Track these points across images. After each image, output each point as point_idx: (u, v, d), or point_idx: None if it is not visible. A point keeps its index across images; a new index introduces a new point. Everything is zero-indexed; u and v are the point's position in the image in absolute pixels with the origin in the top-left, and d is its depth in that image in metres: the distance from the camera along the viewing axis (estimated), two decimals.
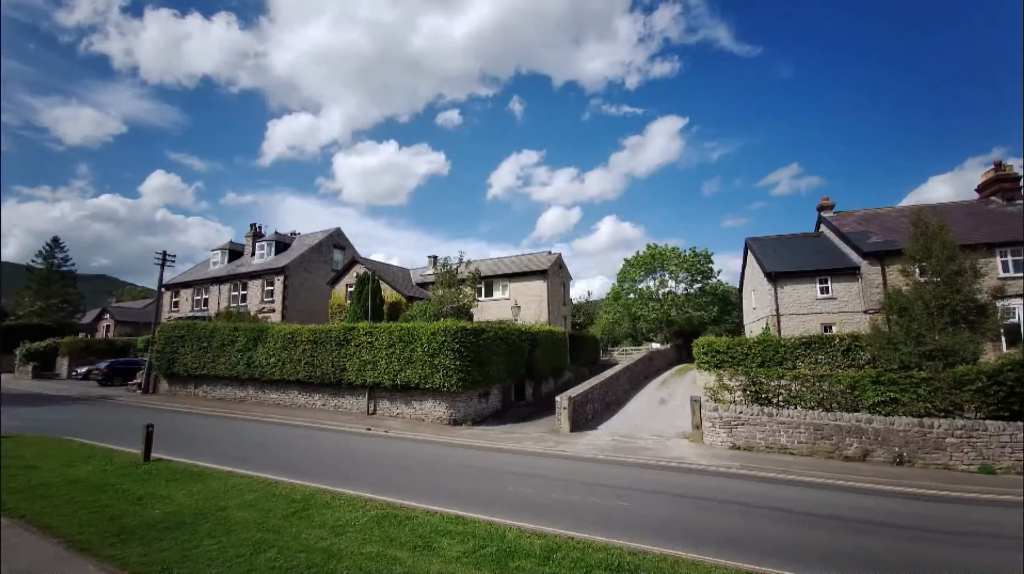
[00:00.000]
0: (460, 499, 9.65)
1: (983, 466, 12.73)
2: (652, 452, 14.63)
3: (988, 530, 8.72)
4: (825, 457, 14.07)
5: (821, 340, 20.13)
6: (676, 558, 6.96)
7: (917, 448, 13.36)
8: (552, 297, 34.60)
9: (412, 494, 9.86)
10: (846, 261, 26.48)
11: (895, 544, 7.94)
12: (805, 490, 11.17)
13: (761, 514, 9.36)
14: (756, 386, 17.01)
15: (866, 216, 29.72)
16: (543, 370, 25.72)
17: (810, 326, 25.65)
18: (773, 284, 26.99)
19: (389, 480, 11.22)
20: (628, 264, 46.59)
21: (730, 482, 11.80)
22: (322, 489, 9.95)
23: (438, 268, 29.10)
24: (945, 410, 14.24)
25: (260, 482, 10.42)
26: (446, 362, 18.44)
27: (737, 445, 15.15)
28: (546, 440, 16.19)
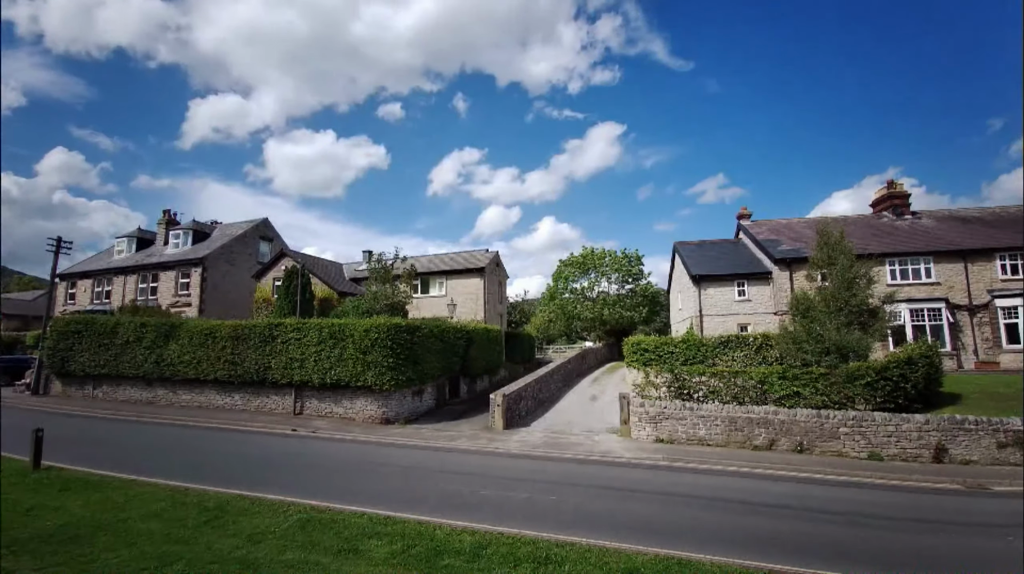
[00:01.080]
0: (390, 499, 9.45)
1: (872, 453, 14.22)
2: (583, 447, 15.07)
3: (879, 512, 9.77)
4: (738, 447, 15.14)
5: (737, 339, 21.64)
6: (602, 548, 7.22)
7: (816, 437, 14.70)
8: (489, 295, 34.71)
9: (339, 496, 9.52)
10: (760, 266, 28.64)
11: (795, 525, 8.70)
12: (719, 478, 11.97)
13: (680, 502, 9.93)
14: (679, 382, 18.00)
15: (778, 226, 32.28)
16: (478, 368, 25.74)
17: (729, 326, 27.50)
18: (697, 286, 28.66)
19: (315, 482, 10.78)
20: (563, 264, 47.66)
21: (654, 474, 12.40)
22: (239, 495, 9.37)
23: (373, 263, 28.26)
24: (840, 402, 15.79)
25: (168, 490, 9.65)
26: (379, 360, 17.98)
27: (661, 438, 15.95)
28: (479, 437, 16.22)
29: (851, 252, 18.25)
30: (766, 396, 16.72)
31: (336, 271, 36.67)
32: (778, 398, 16.47)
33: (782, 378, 16.59)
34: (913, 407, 15.59)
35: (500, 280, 39.35)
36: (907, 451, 14.02)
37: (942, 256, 25.80)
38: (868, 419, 14.55)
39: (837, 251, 18.10)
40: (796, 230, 30.67)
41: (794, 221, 32.87)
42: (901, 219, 30.47)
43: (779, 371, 16.85)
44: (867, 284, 17.66)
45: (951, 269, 25.58)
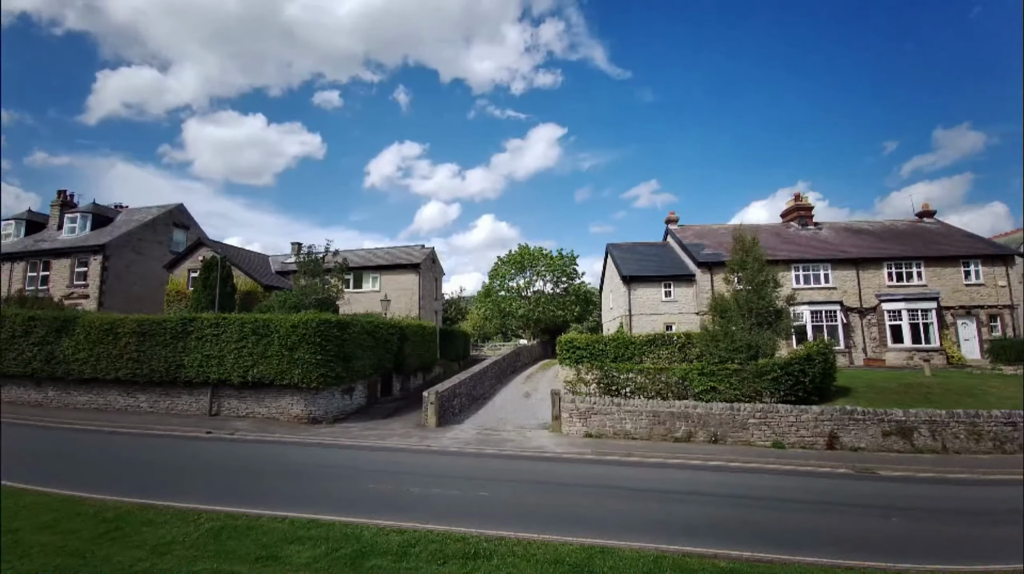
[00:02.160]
0: (315, 502, 9.11)
1: (775, 442, 15.54)
2: (515, 443, 15.29)
3: (781, 495, 10.70)
4: (660, 440, 16.00)
5: (663, 338, 22.83)
6: (529, 541, 7.39)
7: (728, 428, 15.84)
8: (424, 291, 34.24)
9: (258, 501, 9.04)
10: (685, 269, 30.36)
11: (707, 510, 9.35)
12: (643, 469, 12.61)
13: (606, 493, 10.36)
14: (609, 379, 18.71)
15: (702, 231, 34.37)
16: (412, 365, 25.35)
17: (656, 325, 28.93)
18: (627, 287, 29.90)
19: (230, 488, 10.16)
20: (500, 262, 47.95)
21: (582, 467, 12.83)
22: (143, 504, 8.64)
23: (302, 256, 26.96)
24: (750, 396, 17.11)
25: (62, 500, 8.72)
26: (306, 356, 17.22)
27: (590, 433, 16.51)
28: (412, 435, 16.00)
29: (761, 258, 19.80)
30: (687, 391, 17.79)
31: (261, 263, 34.63)
32: (697, 393, 17.57)
33: (701, 374, 17.71)
34: (811, 399, 17.20)
35: (436, 277, 38.94)
36: (805, 439, 15.45)
37: (838, 263, 28.61)
38: (773, 411, 15.88)
39: (749, 256, 19.58)
40: (718, 235, 32.79)
41: (716, 227, 35.13)
42: (805, 229, 33.43)
43: (699, 368, 17.98)
44: (774, 287, 19.25)
45: (846, 275, 28.44)
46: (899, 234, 31.97)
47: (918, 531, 8.55)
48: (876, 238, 31.44)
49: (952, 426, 15.24)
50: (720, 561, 6.86)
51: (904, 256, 28.52)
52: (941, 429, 15.23)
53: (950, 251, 28.72)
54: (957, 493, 11.17)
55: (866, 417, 15.49)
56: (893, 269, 28.38)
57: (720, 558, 6.97)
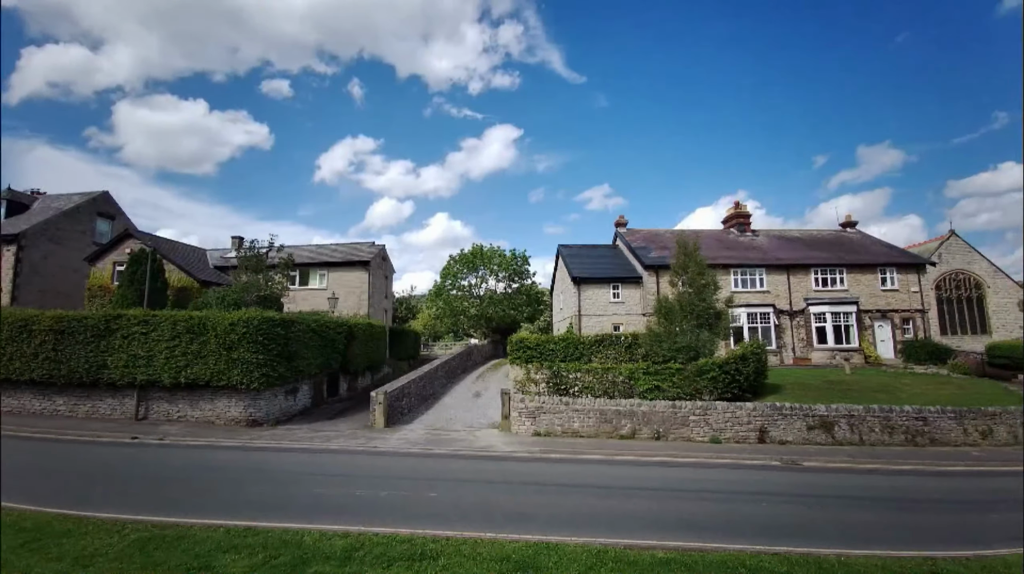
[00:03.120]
0: (252, 508, 8.76)
1: (713, 437, 16.35)
2: (464, 442, 15.29)
3: (717, 487, 11.29)
4: (607, 437, 16.46)
5: (611, 338, 23.48)
6: (476, 539, 7.44)
7: (670, 425, 16.53)
8: (374, 289, 33.52)
9: (190, 509, 8.59)
10: (633, 271, 31.36)
11: (650, 504, 9.74)
12: (589, 466, 12.94)
13: (553, 490, 10.57)
14: (558, 379, 19.05)
15: (649, 235, 35.60)
16: (360, 364, 24.77)
17: (604, 326, 29.70)
18: (577, 288, 30.52)
19: (159, 496, 9.59)
20: (452, 261, 47.61)
21: (530, 465, 13.01)
22: (62, 514, 8.02)
23: (244, 251, 25.68)
24: (690, 394, 17.91)
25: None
26: (247, 356, 16.46)
27: (539, 432, 16.76)
28: (358, 436, 15.66)
29: (703, 262, 20.78)
30: (632, 390, 18.40)
31: (198, 258, 32.71)
32: (642, 392, 18.21)
33: (646, 374, 18.38)
34: (745, 397, 18.22)
35: (387, 275, 38.21)
36: (739, 434, 16.37)
37: (772, 269, 30.46)
38: (711, 408, 16.72)
39: (692, 261, 20.50)
40: (664, 239, 34.06)
41: (663, 231, 36.48)
42: (744, 235, 35.35)
43: (644, 367, 18.64)
44: (715, 290, 20.25)
45: (778, 280, 30.31)
46: (825, 242, 34.40)
47: (837, 518, 9.29)
48: (805, 246, 33.69)
49: (868, 420, 16.60)
50: (658, 552, 7.18)
51: (829, 263, 30.72)
52: (859, 423, 16.55)
53: (869, 259, 31.21)
54: (873, 482, 12.19)
55: (793, 412, 16.60)
56: (819, 275, 30.50)
57: (658, 549, 7.29)
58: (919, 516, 9.50)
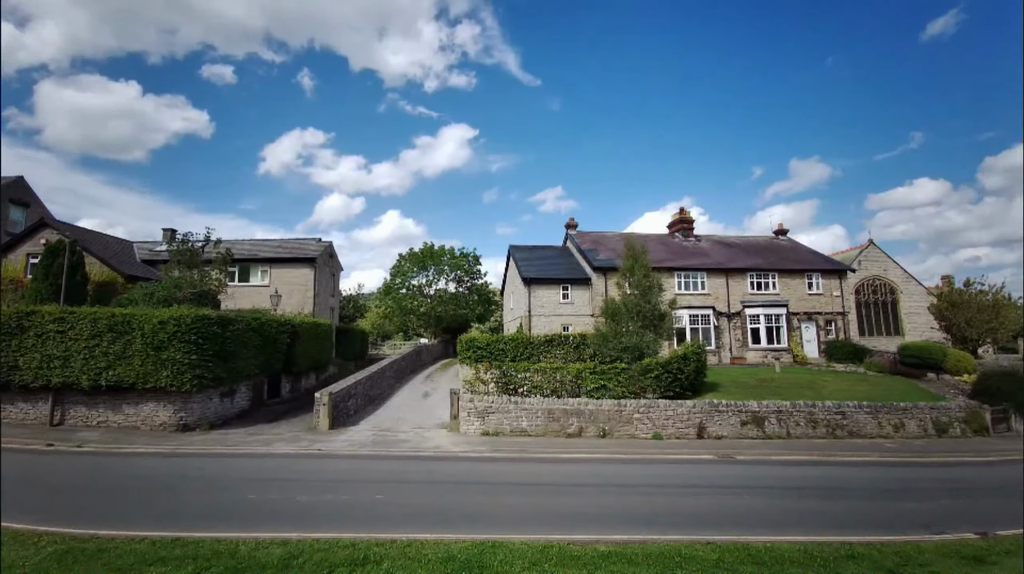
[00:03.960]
0: (180, 517, 8.27)
1: (655, 434, 16.97)
2: (412, 444, 15.08)
3: (657, 481, 11.73)
4: (554, 436, 16.73)
5: (560, 338, 23.86)
6: (422, 541, 7.37)
7: (616, 423, 17.02)
8: (320, 287, 32.40)
9: (112, 520, 8.00)
10: (582, 272, 32.01)
11: (593, 500, 10.00)
12: (537, 465, 13.11)
13: (500, 489, 10.63)
14: (507, 378, 19.15)
15: (598, 237, 36.46)
16: (304, 365, 23.88)
17: (554, 326, 30.13)
18: (528, 288, 30.80)
19: (77, 507, 8.86)
20: (402, 259, 46.75)
21: (479, 465, 13.02)
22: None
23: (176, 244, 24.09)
24: (635, 393, 18.50)
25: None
26: (178, 356, 15.48)
27: (488, 431, 16.79)
28: (301, 440, 15.10)
29: (648, 265, 21.53)
30: (580, 389, 18.78)
31: (124, 251, 30.41)
32: (589, 391, 18.62)
33: (593, 373, 18.81)
34: (686, 395, 19.02)
35: (334, 272, 37.04)
36: (680, 430, 17.08)
37: (712, 272, 31.98)
38: (654, 406, 17.35)
39: (638, 263, 21.19)
40: (613, 242, 34.97)
41: (611, 234, 37.44)
42: (687, 240, 36.91)
43: (591, 367, 19.07)
44: (659, 292, 21.02)
45: (718, 283, 31.87)
46: (760, 248, 36.49)
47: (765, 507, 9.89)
48: (743, 251, 35.59)
49: (795, 415, 17.77)
50: (600, 546, 7.39)
51: (763, 268, 32.61)
52: (786, 418, 17.69)
53: (798, 265, 33.39)
54: (798, 473, 13.05)
55: (728, 409, 17.51)
56: (755, 279, 32.31)
57: (600, 542, 7.51)
58: (837, 503, 10.28)
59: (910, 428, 18.22)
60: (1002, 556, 7.17)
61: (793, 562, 6.94)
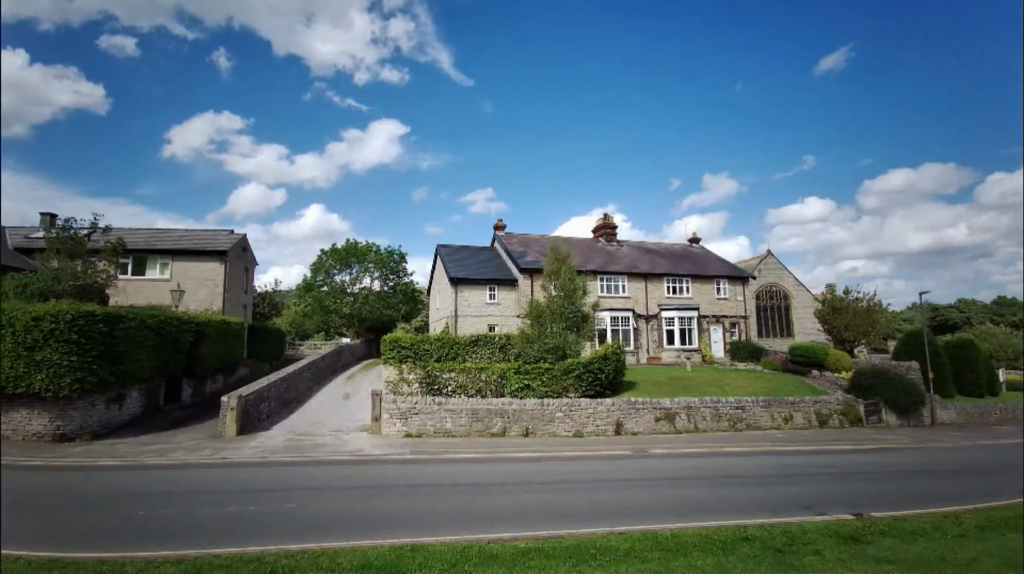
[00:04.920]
0: (55, 538, 7.33)
1: (576, 432, 17.54)
2: (329, 448, 14.46)
3: (577, 477, 12.10)
4: (478, 436, 16.77)
5: (485, 338, 23.95)
6: (337, 549, 7.08)
7: (539, 422, 17.38)
8: (231, 283, 30.11)
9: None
10: (509, 274, 32.37)
11: (515, 498, 10.14)
12: (460, 466, 13.06)
13: (421, 491, 10.48)
14: (431, 378, 18.92)
15: (526, 239, 37.06)
16: (210, 366, 22.06)
17: (480, 326, 30.18)
18: (455, 288, 30.64)
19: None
20: (324, 255, 44.58)
21: (401, 468, 12.75)
22: None
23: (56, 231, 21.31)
24: (558, 392, 19.00)
25: None
26: (55, 358, 13.71)
27: (411, 433, 16.48)
28: (203, 448, 13.95)
29: (572, 268, 22.22)
30: (504, 389, 18.97)
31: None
32: (513, 390, 18.86)
33: (517, 373, 19.07)
34: (606, 393, 19.84)
35: (247, 267, 34.59)
36: (600, 428, 17.79)
37: (633, 276, 33.65)
38: (576, 405, 17.93)
39: (563, 266, 21.81)
40: (540, 244, 35.69)
41: (539, 237, 38.19)
42: (610, 245, 38.53)
43: (515, 367, 19.32)
44: (583, 295, 21.75)
45: (637, 287, 33.58)
46: (676, 255, 38.91)
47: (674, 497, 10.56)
48: (660, 257, 37.76)
49: (702, 410, 19.13)
50: (520, 543, 7.51)
51: (678, 273, 34.81)
52: (695, 413, 19.00)
53: (708, 272, 36.00)
54: (703, 464, 14.06)
55: (644, 406, 18.50)
56: (671, 283, 34.40)
57: (520, 540, 7.63)
58: (734, 491, 11.21)
59: (797, 420, 20.26)
60: (876, 536, 8.14)
61: (695, 546, 7.46)
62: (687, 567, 6.70)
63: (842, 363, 26.98)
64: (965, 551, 7.41)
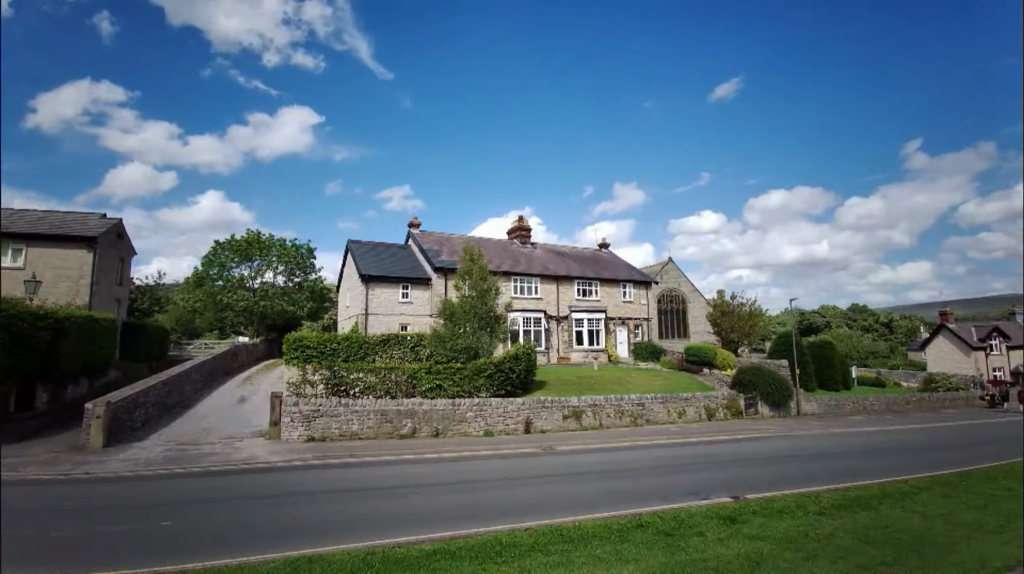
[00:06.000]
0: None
1: (487, 431, 17.65)
2: (219, 457, 13.29)
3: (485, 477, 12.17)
4: (387, 438, 16.30)
5: (397, 338, 23.35)
6: (220, 567, 6.51)
7: (450, 422, 17.27)
8: (102, 274, 26.54)
9: None
10: (423, 272, 31.83)
11: (421, 500, 9.99)
12: (367, 469, 12.62)
13: (321, 499, 9.96)
14: (337, 379, 18.10)
15: (441, 239, 36.68)
16: (72, 368, 19.23)
17: (392, 325, 29.35)
18: (366, 286, 29.52)
19: None
20: (220, 247, 40.70)
21: (301, 474, 12.03)
22: None
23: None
24: (470, 392, 19.02)
25: None
26: None
27: (314, 437, 15.62)
28: (62, 462, 12.18)
29: (486, 268, 22.38)
30: (415, 389, 18.62)
31: None
32: (424, 391, 18.58)
33: (428, 373, 18.82)
34: (517, 393, 20.20)
35: (123, 256, 30.71)
36: (510, 427, 18.07)
37: (545, 279, 34.60)
38: (487, 404, 18.06)
39: (476, 266, 21.90)
40: (455, 244, 35.47)
41: (454, 236, 37.95)
42: (524, 247, 39.31)
43: (427, 367, 19.05)
44: (496, 295, 21.98)
45: (550, 289, 34.58)
46: (587, 259, 40.62)
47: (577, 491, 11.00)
48: (572, 261, 39.20)
49: (606, 408, 20.14)
50: (426, 545, 7.41)
51: (588, 277, 36.36)
52: (600, 410, 19.95)
53: (616, 276, 37.99)
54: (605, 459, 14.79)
55: (553, 405, 19.09)
56: (581, 286, 35.84)
57: (425, 541, 7.53)
58: (631, 482, 11.94)
59: (690, 414, 22.03)
60: (750, 515, 9.04)
61: (595, 536, 7.84)
62: (587, 556, 7.01)
63: (728, 362, 29.77)
64: (824, 527, 8.47)
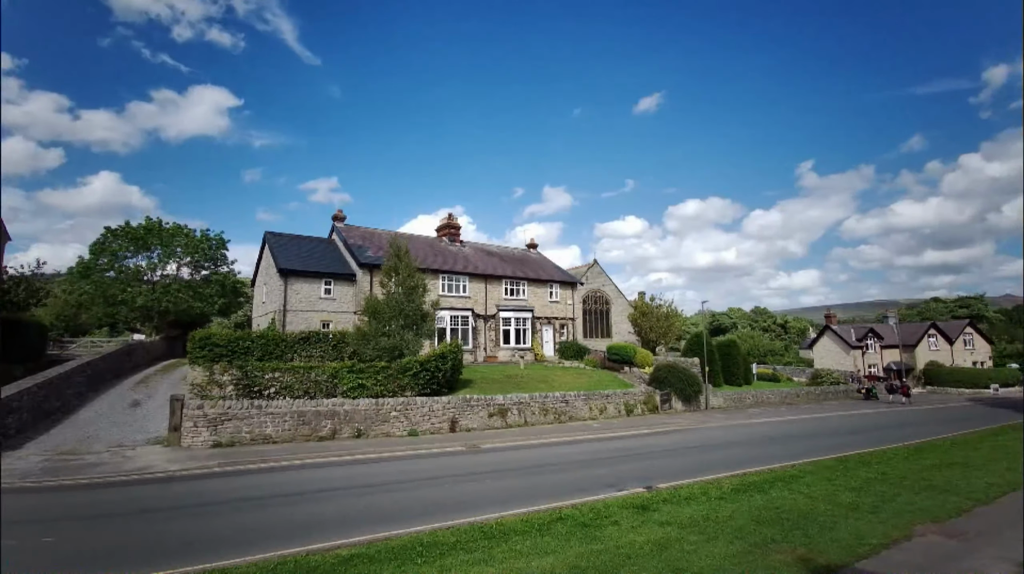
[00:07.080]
0: None
1: (411, 431, 17.35)
2: (107, 467, 12.01)
3: (410, 477, 11.94)
4: (304, 440, 15.53)
5: (318, 335, 22.32)
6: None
7: (372, 422, 16.79)
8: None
9: None
10: (348, 268, 30.63)
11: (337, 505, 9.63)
12: (280, 474, 11.96)
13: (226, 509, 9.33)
14: (250, 379, 17.00)
15: (367, 234, 35.51)
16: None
17: (313, 322, 27.95)
18: (285, 280, 27.90)
19: None
20: (112, 234, 36.36)
21: (204, 483, 11.16)
22: None
23: None
24: (394, 391, 18.60)
25: None
26: None
27: (221, 442, 14.55)
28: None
29: (413, 265, 22.00)
30: (336, 389, 17.89)
31: None
32: (346, 390, 17.91)
33: (351, 372, 18.17)
34: (443, 391, 20.04)
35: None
36: (435, 425, 17.89)
37: (474, 277, 34.59)
38: (412, 403, 17.76)
39: (402, 263, 21.47)
40: (382, 240, 34.48)
41: (382, 231, 36.89)
42: (453, 245, 39.06)
43: (348, 365, 18.39)
44: (423, 293, 21.66)
45: (478, 287, 34.63)
46: (515, 259, 41.13)
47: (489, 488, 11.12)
48: (501, 260, 39.52)
49: (531, 405, 20.52)
50: (342, 550, 7.16)
51: (516, 276, 36.83)
52: (525, 408, 20.28)
53: (543, 276, 38.80)
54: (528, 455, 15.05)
55: (479, 403, 19.15)
56: (508, 285, 36.22)
57: (343, 546, 7.28)
58: (553, 477, 12.28)
59: (610, 410, 23.01)
60: (660, 503, 9.62)
61: (516, 531, 7.97)
62: (508, 551, 7.11)
63: (647, 360, 31.42)
64: (724, 510, 9.19)
